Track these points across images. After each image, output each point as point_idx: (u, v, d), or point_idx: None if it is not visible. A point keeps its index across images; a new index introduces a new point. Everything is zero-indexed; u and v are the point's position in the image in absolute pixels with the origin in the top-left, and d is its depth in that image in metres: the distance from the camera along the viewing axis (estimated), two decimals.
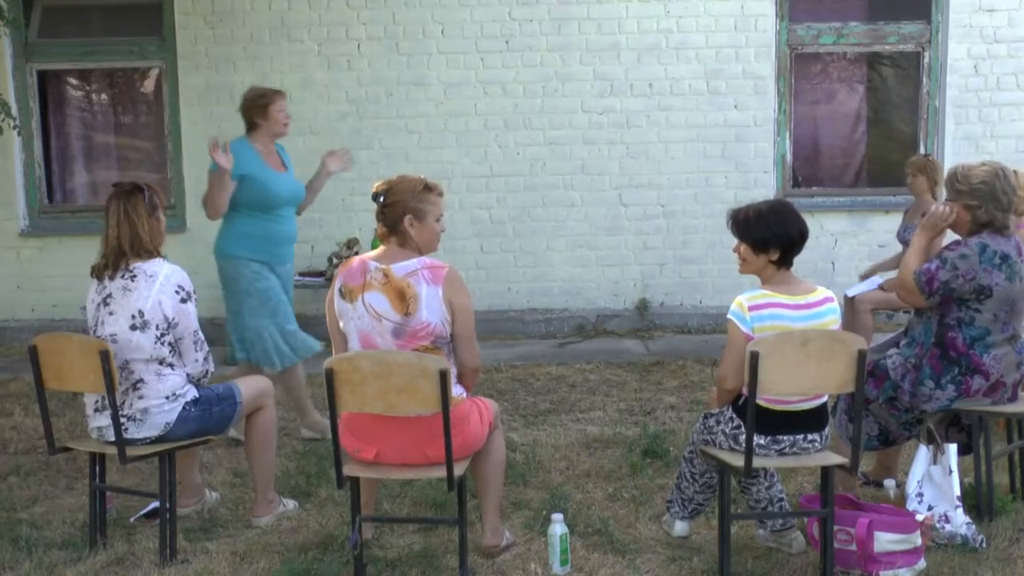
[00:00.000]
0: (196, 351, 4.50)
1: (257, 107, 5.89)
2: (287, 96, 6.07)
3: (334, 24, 8.86)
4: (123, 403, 4.35)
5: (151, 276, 4.39)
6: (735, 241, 4.24)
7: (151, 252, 4.46)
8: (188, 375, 4.51)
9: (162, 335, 4.38)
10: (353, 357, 3.94)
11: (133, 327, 4.34)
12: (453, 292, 4.06)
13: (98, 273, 4.48)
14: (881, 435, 4.64)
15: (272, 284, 5.92)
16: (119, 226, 4.42)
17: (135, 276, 4.39)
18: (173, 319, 4.39)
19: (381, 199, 4.16)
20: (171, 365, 4.43)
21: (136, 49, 9.04)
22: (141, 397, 4.37)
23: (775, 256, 4.11)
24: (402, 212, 4.11)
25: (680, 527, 4.52)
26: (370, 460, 4.08)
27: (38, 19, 9.08)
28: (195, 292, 4.50)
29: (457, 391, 4.08)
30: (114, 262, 4.42)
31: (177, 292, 4.41)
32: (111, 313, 4.38)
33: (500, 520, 4.48)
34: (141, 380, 4.37)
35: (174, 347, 4.43)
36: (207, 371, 4.59)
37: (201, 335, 4.53)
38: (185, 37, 8.84)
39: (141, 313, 4.34)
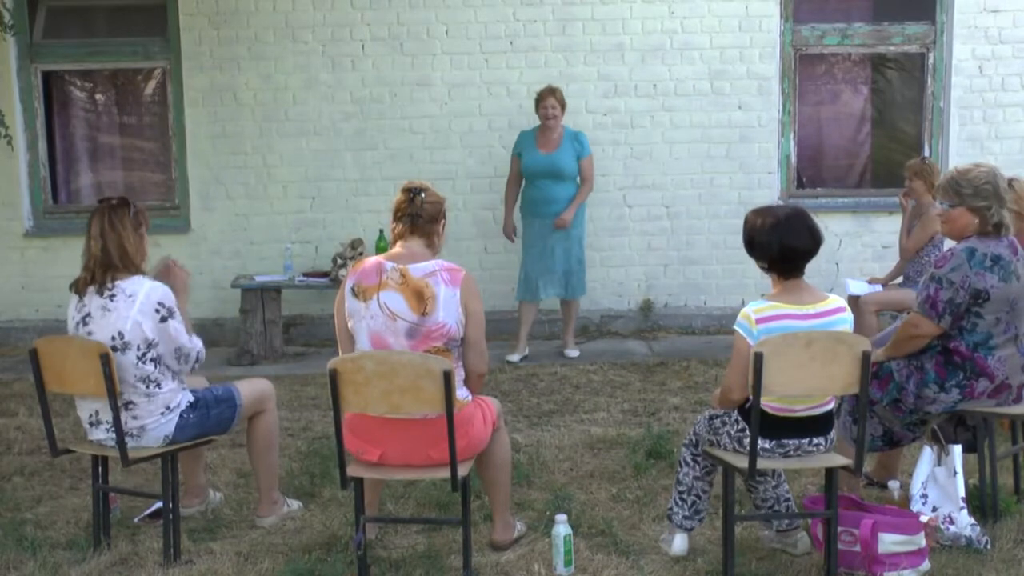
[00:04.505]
0: (181, 364, 4.43)
1: (535, 103, 7.98)
2: (552, 95, 7.92)
3: (338, 25, 8.86)
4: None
5: (131, 296, 4.30)
6: (742, 242, 4.23)
7: (136, 267, 4.38)
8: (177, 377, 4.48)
9: (143, 354, 4.32)
10: (357, 358, 3.94)
11: (114, 348, 4.27)
12: (469, 296, 4.08)
13: (80, 288, 4.39)
14: (885, 436, 4.63)
15: (532, 232, 8.00)
16: (104, 236, 4.35)
17: (114, 295, 4.31)
18: (153, 340, 4.32)
19: (423, 195, 4.16)
20: (158, 383, 4.38)
21: (140, 50, 9.04)
22: (135, 417, 4.36)
23: (768, 267, 4.09)
24: (441, 213, 4.22)
25: (679, 544, 4.34)
26: (374, 463, 4.08)
27: (42, 20, 9.08)
28: (176, 308, 4.38)
29: (462, 394, 4.08)
30: (100, 276, 4.33)
31: (157, 311, 4.32)
32: (90, 333, 4.33)
33: (510, 515, 4.50)
34: (131, 402, 4.34)
35: (157, 362, 4.37)
36: (193, 367, 4.50)
37: (186, 348, 4.41)
38: (189, 38, 8.85)
39: (121, 335, 4.27)
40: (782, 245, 4.01)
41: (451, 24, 8.85)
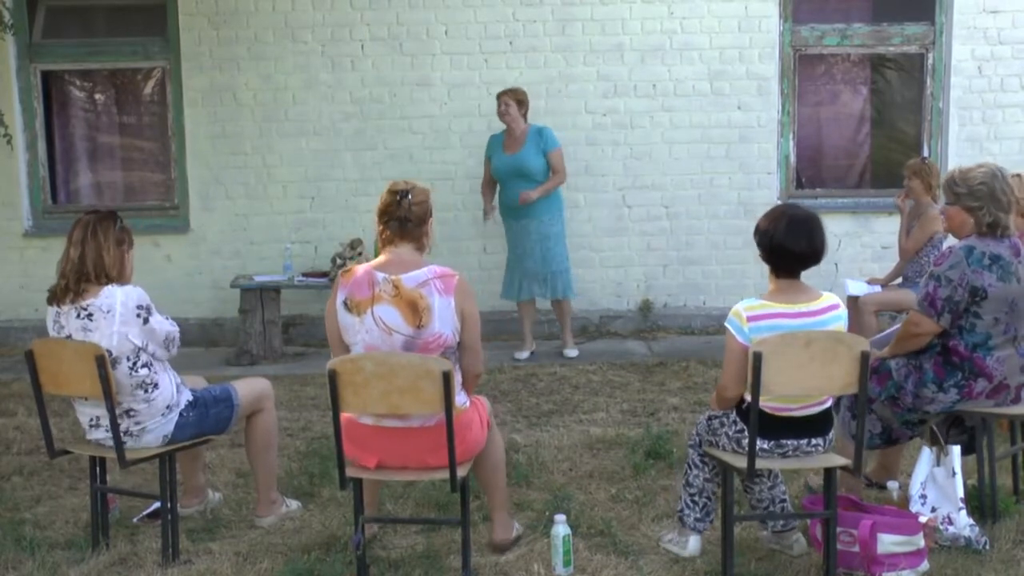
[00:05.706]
0: (170, 350, 4.44)
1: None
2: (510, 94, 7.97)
3: (338, 25, 8.86)
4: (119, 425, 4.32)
5: (108, 312, 4.26)
6: (741, 243, 4.23)
7: (109, 280, 4.30)
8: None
9: (135, 363, 4.31)
10: (357, 358, 3.92)
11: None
12: (464, 300, 4.02)
13: (58, 299, 4.34)
14: (883, 433, 4.63)
15: (512, 235, 8.08)
16: (83, 244, 4.28)
17: (91, 315, 4.27)
18: (143, 344, 4.31)
19: (409, 197, 4.03)
20: (155, 384, 4.37)
21: (140, 50, 9.04)
22: (138, 423, 4.37)
23: (764, 259, 4.10)
24: (428, 212, 4.10)
25: (694, 544, 4.34)
26: (371, 469, 4.07)
27: (42, 20, 9.08)
28: (151, 303, 4.36)
29: (460, 400, 4.05)
30: (74, 284, 4.27)
31: (139, 315, 4.30)
32: None
33: (508, 514, 4.49)
34: (132, 409, 4.35)
35: (151, 365, 4.36)
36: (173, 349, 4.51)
37: (171, 333, 4.41)
38: (189, 38, 8.85)
39: (109, 352, 4.23)
40: (776, 242, 4.04)
41: (451, 24, 8.85)
